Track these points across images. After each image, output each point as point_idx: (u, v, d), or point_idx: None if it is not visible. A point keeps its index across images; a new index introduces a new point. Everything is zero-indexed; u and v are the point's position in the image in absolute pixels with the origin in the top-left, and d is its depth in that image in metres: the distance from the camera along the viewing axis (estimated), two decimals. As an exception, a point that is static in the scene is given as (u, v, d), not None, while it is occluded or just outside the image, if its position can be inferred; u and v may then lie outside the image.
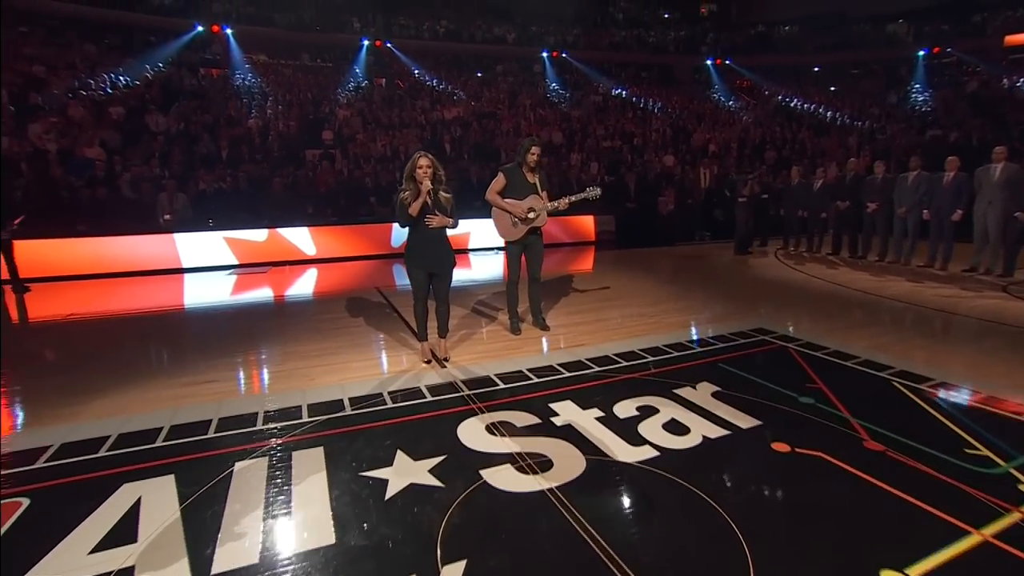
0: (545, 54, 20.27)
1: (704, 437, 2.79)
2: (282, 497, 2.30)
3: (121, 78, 13.72)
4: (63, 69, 13.50)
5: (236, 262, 8.20)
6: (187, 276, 7.77)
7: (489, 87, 18.63)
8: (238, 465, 2.55)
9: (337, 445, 2.75)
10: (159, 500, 2.28)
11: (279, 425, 2.97)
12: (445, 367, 3.87)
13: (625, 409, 3.12)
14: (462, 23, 20.44)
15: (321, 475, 2.47)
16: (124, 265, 7.63)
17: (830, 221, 8.95)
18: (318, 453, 2.67)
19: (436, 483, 2.40)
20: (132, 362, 4.06)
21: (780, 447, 2.68)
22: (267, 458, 2.62)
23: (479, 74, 19.97)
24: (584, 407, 3.14)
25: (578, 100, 17.89)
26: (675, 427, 2.90)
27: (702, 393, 3.33)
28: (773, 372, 3.68)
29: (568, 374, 3.69)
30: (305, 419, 3.04)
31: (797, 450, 2.64)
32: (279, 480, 2.43)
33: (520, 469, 2.51)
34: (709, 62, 21.16)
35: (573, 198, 4.46)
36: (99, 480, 2.43)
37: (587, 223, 10.48)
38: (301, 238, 8.74)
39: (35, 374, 3.89)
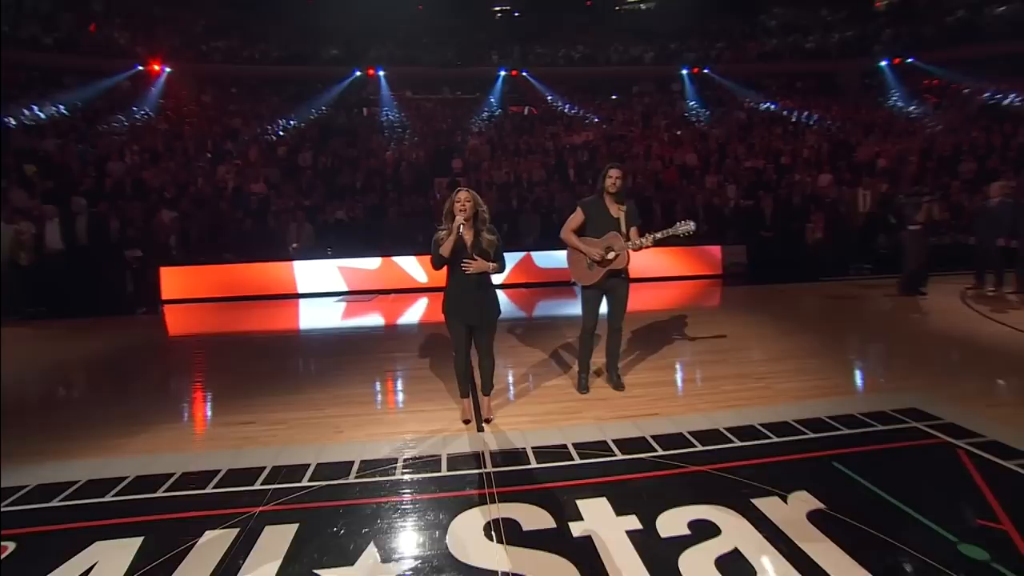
0: (685, 71, 18.98)
1: (774, 593, 1.92)
2: (218, 592, 2.00)
3: (291, 122, 15.74)
4: (252, 119, 15.89)
5: (346, 289, 8.61)
6: (300, 302, 8.32)
7: (623, 109, 17.94)
8: (206, 535, 2.32)
9: (315, 523, 2.41)
10: (108, 570, 2.12)
11: (276, 487, 2.72)
12: (483, 430, 3.37)
13: (673, 522, 2.33)
14: (598, 47, 20.05)
15: (274, 565, 2.13)
16: (251, 290, 8.42)
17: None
18: (290, 532, 2.34)
19: (387, 604, 1.92)
20: (196, 392, 4.23)
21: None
22: (238, 530, 2.36)
23: (613, 97, 19.38)
24: (620, 511, 2.43)
25: (719, 118, 16.35)
26: (736, 566, 2.06)
27: (794, 511, 2.40)
28: (923, 489, 2.57)
29: (620, 456, 2.96)
30: (305, 483, 2.76)
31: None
32: (229, 565, 2.14)
33: (497, 601, 1.92)
34: (884, 63, 17.98)
35: (659, 234, 3.71)
36: (81, 532, 2.37)
37: (712, 254, 9.25)
38: (412, 266, 8.93)
39: (111, 401, 4.22)
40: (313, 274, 8.56)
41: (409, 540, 2.27)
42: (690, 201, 9.95)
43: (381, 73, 18.52)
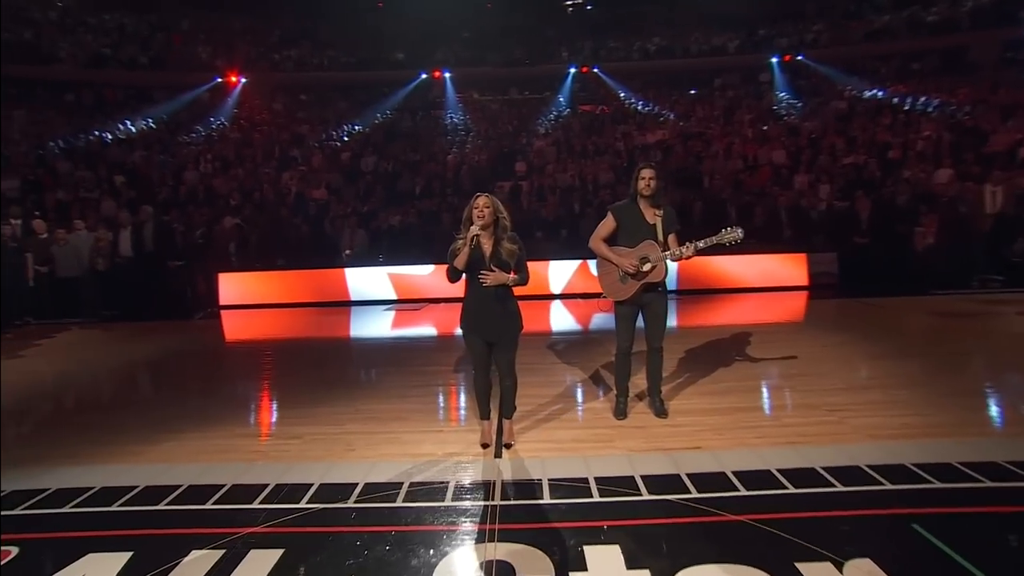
0: (775, 60, 17.89)
1: None
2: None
3: (356, 127, 16.48)
4: (319, 125, 16.80)
5: (396, 297, 8.78)
6: (352, 310, 8.59)
7: (703, 104, 17.19)
8: (192, 555, 2.35)
9: (299, 551, 2.37)
10: (90, 586, 2.20)
11: (273, 506, 2.73)
12: (500, 457, 3.24)
13: (693, 584, 2.08)
14: (676, 38, 19.41)
15: (247, 596, 2.12)
16: (306, 296, 8.83)
17: None
18: (273, 558, 2.32)
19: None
20: (227, 399, 4.43)
21: None
22: (223, 552, 2.38)
23: (692, 91, 18.64)
24: (632, 563, 2.20)
25: (813, 109, 15.23)
26: (759, 647, 1.78)
27: (849, 582, 2.06)
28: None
29: (647, 496, 2.71)
30: (302, 505, 2.75)
31: None
32: (204, 591, 2.15)
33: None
34: (1041, 29, 15.84)
35: (702, 243, 3.43)
36: (79, 541, 2.48)
37: (795, 263, 8.53)
38: (465, 274, 8.96)
39: (147, 406, 4.50)
40: (365, 281, 8.81)
41: (390, 579, 2.18)
42: (772, 203, 9.27)
43: (447, 75, 18.96)
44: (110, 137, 15.03)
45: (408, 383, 4.71)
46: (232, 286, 8.58)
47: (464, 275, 3.23)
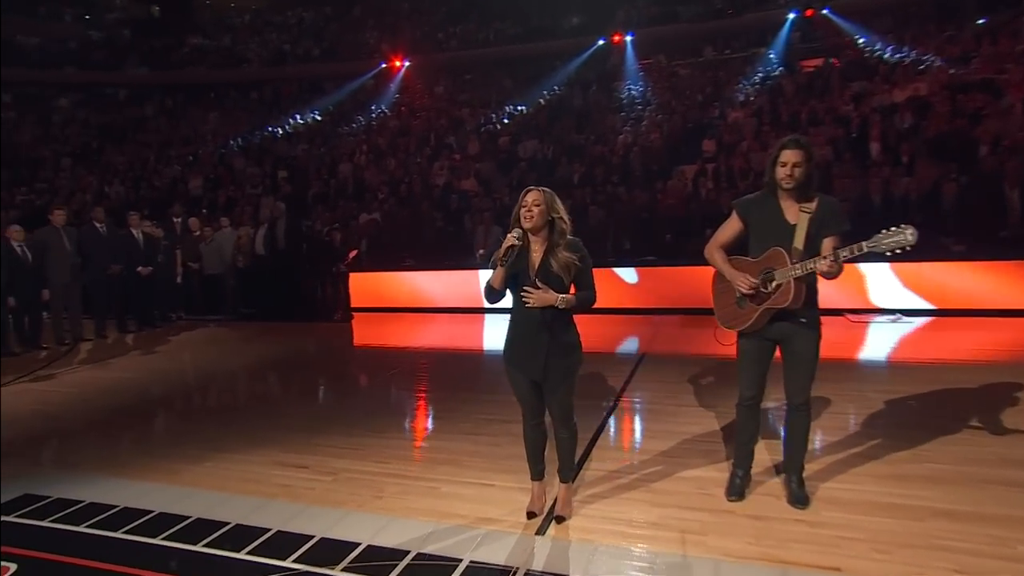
0: None
1: None
2: None
3: (520, 107, 16.82)
4: (479, 108, 17.55)
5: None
6: (485, 317, 8.75)
7: (993, 38, 14.04)
8: (150, 607, 2.44)
9: (250, 626, 2.31)
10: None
11: (259, 560, 2.73)
12: (542, 535, 2.84)
13: None
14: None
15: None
16: (437, 300, 9.16)
17: None
18: (218, 630, 2.29)
19: None
20: (290, 419, 4.71)
21: None
22: (179, 610, 2.42)
23: (980, 21, 15.39)
24: None
25: None
26: None
27: None
28: None
29: (718, 637, 2.10)
30: (288, 563, 2.69)
31: None
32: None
33: None
34: None
35: (845, 252, 2.62)
36: (70, 568, 2.74)
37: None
38: (611, 281, 8.49)
39: (209, 419, 4.98)
40: (499, 286, 8.86)
41: None
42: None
43: (629, 39, 18.40)
44: (280, 132, 17.59)
45: (488, 415, 4.49)
46: (362, 287, 9.24)
47: (508, 290, 2.90)
